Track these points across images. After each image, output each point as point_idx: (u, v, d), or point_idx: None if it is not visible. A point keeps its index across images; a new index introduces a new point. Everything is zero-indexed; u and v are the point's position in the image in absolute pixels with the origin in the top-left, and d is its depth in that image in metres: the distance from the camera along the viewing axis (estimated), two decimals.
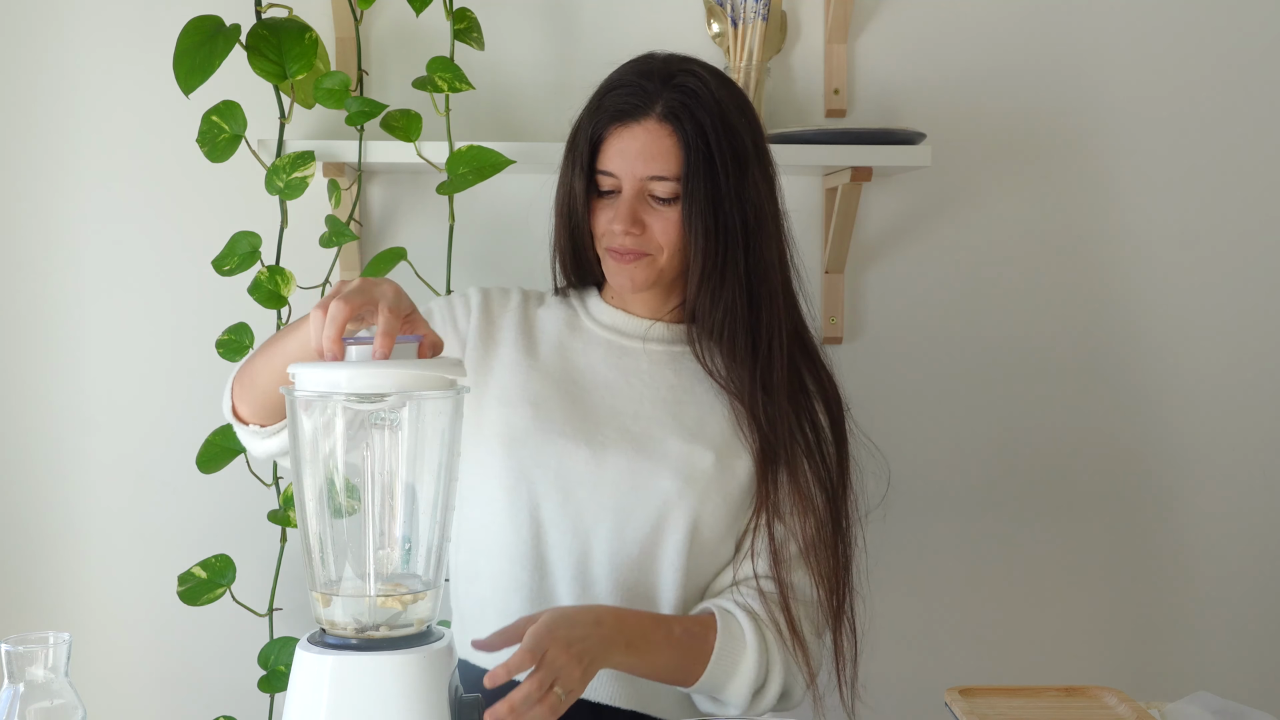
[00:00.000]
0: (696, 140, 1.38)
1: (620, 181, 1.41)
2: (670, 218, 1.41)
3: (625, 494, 1.41)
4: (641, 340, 1.49)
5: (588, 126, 1.42)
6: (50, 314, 1.96)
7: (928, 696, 1.60)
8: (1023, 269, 2.07)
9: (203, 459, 1.82)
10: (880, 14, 2.03)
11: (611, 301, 1.53)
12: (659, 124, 1.39)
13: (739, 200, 1.40)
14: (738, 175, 1.40)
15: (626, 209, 1.40)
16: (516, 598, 1.42)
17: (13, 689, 1.04)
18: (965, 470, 2.08)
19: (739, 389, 1.43)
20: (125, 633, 1.98)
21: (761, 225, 1.43)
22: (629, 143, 1.40)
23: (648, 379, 1.47)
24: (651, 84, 1.40)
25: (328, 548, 1.16)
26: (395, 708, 1.11)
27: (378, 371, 1.11)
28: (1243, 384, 2.12)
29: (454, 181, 1.79)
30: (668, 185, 1.40)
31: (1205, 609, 2.13)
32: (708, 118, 1.39)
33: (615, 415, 1.44)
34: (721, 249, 1.40)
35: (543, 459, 1.42)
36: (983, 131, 2.05)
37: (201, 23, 1.72)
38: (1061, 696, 1.39)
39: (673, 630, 1.35)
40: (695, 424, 1.45)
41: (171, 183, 1.95)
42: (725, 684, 1.38)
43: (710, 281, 1.41)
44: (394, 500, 1.15)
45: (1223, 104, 2.09)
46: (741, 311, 1.42)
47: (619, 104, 1.40)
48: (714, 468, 1.42)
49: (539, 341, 1.50)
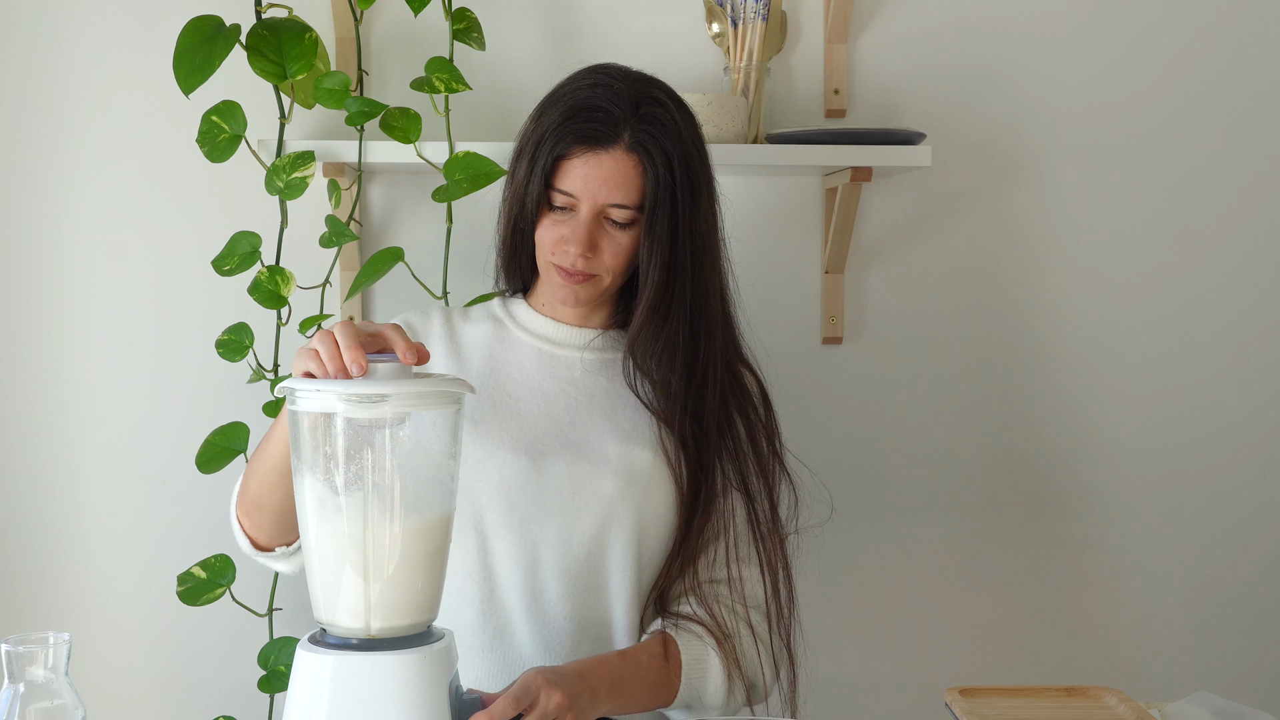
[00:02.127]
0: (663, 174, 1.39)
1: (578, 203, 1.41)
2: (623, 243, 1.43)
3: (568, 499, 1.42)
4: (575, 349, 1.50)
5: (551, 141, 1.41)
6: (50, 313, 1.96)
7: (928, 696, 1.60)
8: (1022, 269, 2.07)
9: (202, 459, 1.82)
10: (880, 14, 2.03)
11: (541, 310, 1.53)
12: (626, 154, 1.40)
13: (691, 233, 1.42)
14: (692, 206, 1.42)
15: (584, 232, 1.41)
16: (468, 612, 1.43)
17: (13, 689, 1.04)
18: (964, 469, 2.08)
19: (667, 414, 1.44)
20: (125, 633, 1.98)
21: (708, 255, 1.45)
22: (594, 169, 1.40)
23: (581, 386, 1.49)
24: (619, 110, 1.40)
25: (328, 548, 1.16)
26: (395, 708, 1.11)
27: (377, 381, 1.12)
28: (1247, 383, 2.11)
29: (450, 188, 1.79)
30: (626, 213, 1.41)
31: (1205, 609, 2.13)
32: (674, 149, 1.40)
33: (552, 424, 1.46)
34: (672, 281, 1.42)
35: (483, 472, 1.43)
36: (983, 131, 2.05)
37: (201, 23, 1.72)
38: (1061, 696, 1.39)
39: (639, 660, 1.38)
40: (631, 426, 1.46)
41: (172, 183, 1.95)
42: (702, 688, 1.40)
43: (657, 314, 1.43)
44: (394, 501, 1.15)
45: (1223, 105, 2.09)
46: (682, 342, 1.44)
47: (587, 130, 1.39)
48: (653, 465, 1.44)
49: (468, 358, 1.51)
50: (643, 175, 1.40)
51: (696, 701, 1.41)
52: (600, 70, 1.45)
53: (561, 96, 1.44)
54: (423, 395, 1.15)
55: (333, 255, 1.90)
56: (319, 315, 1.84)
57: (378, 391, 1.13)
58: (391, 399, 1.13)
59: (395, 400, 1.13)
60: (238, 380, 1.89)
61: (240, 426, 1.82)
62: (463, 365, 1.50)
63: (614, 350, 1.52)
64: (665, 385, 1.44)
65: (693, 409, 1.44)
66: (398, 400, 1.13)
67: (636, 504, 1.43)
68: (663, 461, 1.45)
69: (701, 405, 1.45)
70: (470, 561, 1.43)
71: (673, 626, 1.42)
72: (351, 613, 1.15)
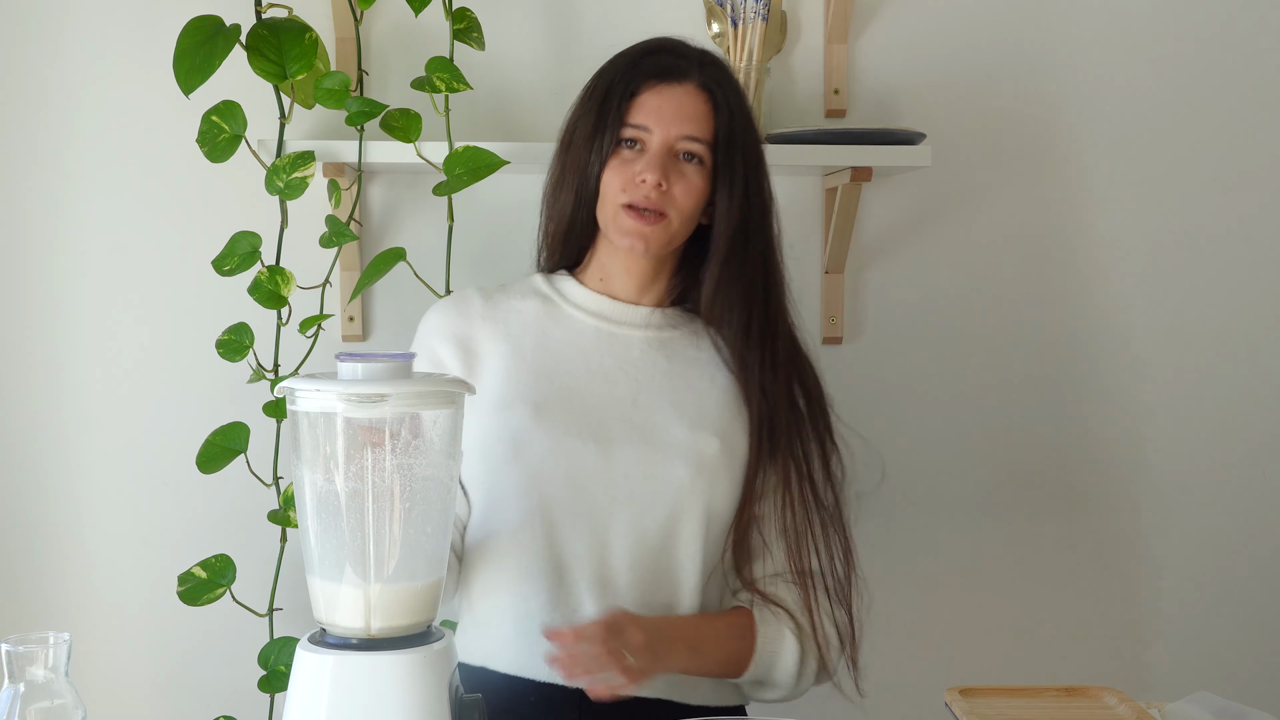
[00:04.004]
0: (734, 114, 1.44)
1: (651, 136, 1.43)
2: (694, 182, 1.44)
3: (639, 486, 1.41)
4: (633, 326, 1.49)
5: (623, 82, 1.45)
6: (51, 313, 1.96)
7: (928, 696, 1.60)
8: (1022, 269, 2.07)
9: (203, 459, 1.81)
10: (880, 14, 2.03)
11: (593, 286, 1.52)
12: (697, 90, 1.44)
13: (758, 179, 1.47)
14: (756, 155, 1.47)
15: (658, 160, 1.42)
16: (536, 602, 1.42)
17: (13, 689, 1.04)
18: (965, 469, 2.08)
19: (744, 368, 1.46)
20: (125, 633, 1.98)
21: (771, 208, 1.49)
22: (667, 100, 1.43)
23: (641, 365, 1.47)
24: (687, 55, 1.45)
25: (328, 548, 1.15)
26: (395, 708, 1.11)
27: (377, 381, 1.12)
28: (1243, 383, 2.11)
29: (450, 182, 1.79)
30: (698, 146, 1.43)
31: (1206, 609, 2.13)
32: (737, 99, 1.46)
33: (615, 405, 1.44)
34: (746, 222, 1.45)
35: (552, 461, 1.41)
36: (983, 131, 2.05)
37: (201, 23, 1.72)
38: (1061, 696, 1.39)
39: (718, 627, 1.42)
40: (695, 410, 1.45)
41: (172, 183, 1.95)
42: (772, 666, 1.43)
43: (735, 255, 1.45)
44: (393, 501, 1.15)
45: (1223, 104, 2.09)
46: (760, 288, 1.47)
47: (658, 64, 1.45)
48: (720, 453, 1.44)
49: (520, 336, 1.49)
50: (713, 112, 1.44)
51: (766, 678, 1.44)
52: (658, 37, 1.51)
53: (620, 56, 1.49)
54: (423, 395, 1.14)
55: (333, 255, 1.90)
56: (319, 315, 1.84)
57: (378, 391, 1.12)
58: (391, 399, 1.13)
59: (395, 400, 1.13)
60: (238, 380, 1.89)
61: (240, 426, 1.82)
62: (514, 345, 1.48)
63: (672, 328, 1.51)
64: (745, 330, 1.46)
65: (772, 360, 1.47)
66: (398, 400, 1.13)
67: (706, 492, 1.43)
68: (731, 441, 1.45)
69: (775, 355, 1.47)
70: (538, 550, 1.41)
71: (759, 602, 1.44)
72: (351, 613, 1.15)
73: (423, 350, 1.51)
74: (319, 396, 1.13)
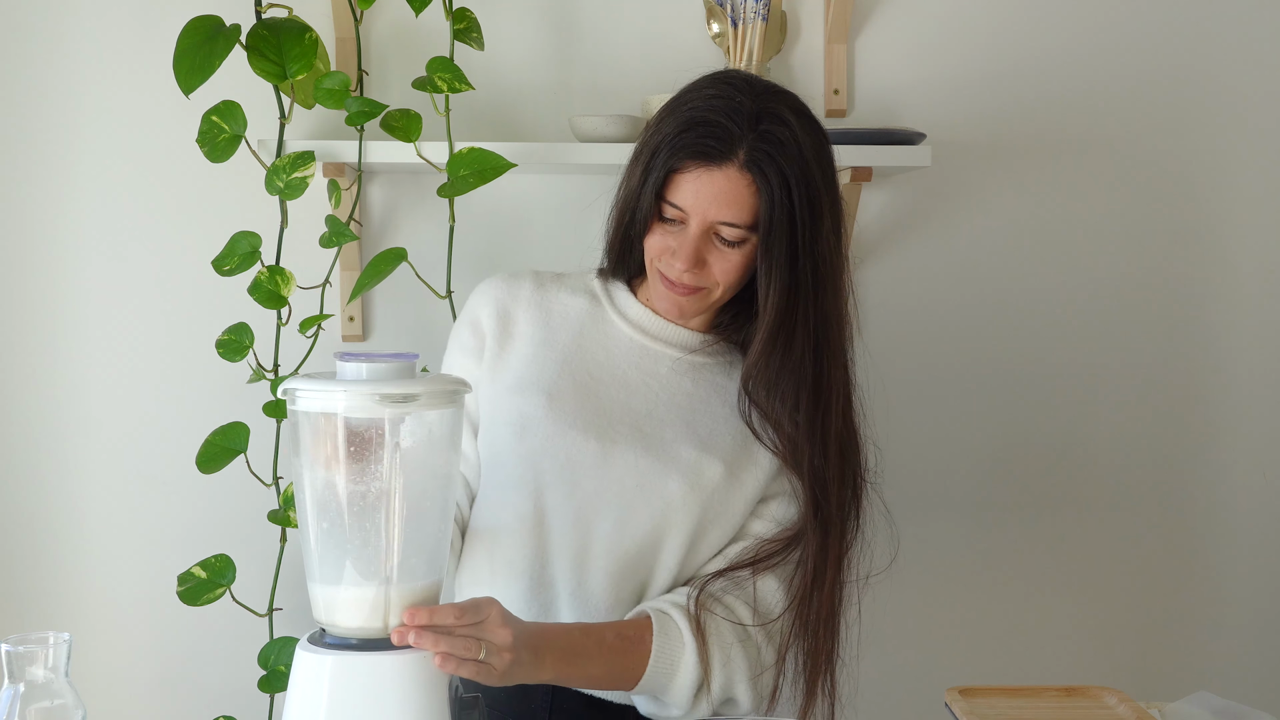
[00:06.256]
0: (780, 195, 1.33)
1: (688, 218, 1.36)
2: (734, 260, 1.38)
3: (630, 491, 1.40)
4: (669, 346, 1.47)
5: (665, 153, 1.36)
6: (51, 313, 1.96)
7: (928, 696, 1.60)
8: (1022, 269, 2.07)
9: (202, 459, 1.81)
10: (880, 14, 2.03)
11: (643, 299, 1.50)
12: (740, 173, 1.34)
13: (812, 255, 1.36)
14: (813, 228, 1.36)
15: (691, 248, 1.36)
16: (517, 585, 1.42)
17: (13, 689, 1.04)
18: (965, 470, 2.08)
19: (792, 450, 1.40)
20: (125, 633, 1.98)
21: (831, 279, 1.39)
22: (705, 185, 1.34)
23: (665, 383, 1.46)
24: (738, 127, 1.33)
25: (328, 549, 1.16)
26: (395, 708, 1.11)
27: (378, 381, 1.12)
28: (1239, 383, 2.12)
29: (455, 184, 1.79)
30: (737, 231, 1.36)
31: (1206, 609, 2.13)
32: (793, 171, 1.34)
33: (628, 413, 1.44)
34: (794, 307, 1.37)
35: (552, 448, 1.41)
36: (983, 131, 2.05)
37: (201, 23, 1.72)
38: (1061, 696, 1.39)
39: (605, 638, 1.34)
40: (707, 434, 1.44)
41: (172, 183, 1.95)
42: (667, 685, 1.36)
43: (778, 341, 1.38)
44: (393, 502, 1.15)
45: (1222, 104, 2.09)
46: (808, 371, 1.38)
47: (700, 144, 1.34)
48: (723, 479, 1.41)
49: (558, 328, 1.49)
50: (756, 195, 1.34)
51: (660, 694, 1.37)
52: (725, 80, 1.38)
53: (681, 105, 1.39)
54: (423, 395, 1.14)
55: (333, 255, 1.90)
56: (319, 315, 1.84)
57: (378, 391, 1.12)
58: (392, 399, 1.13)
59: (396, 400, 1.13)
60: (238, 380, 1.89)
61: (240, 426, 1.82)
62: (550, 335, 1.48)
63: (706, 355, 1.48)
64: (782, 422, 1.39)
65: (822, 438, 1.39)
66: (398, 400, 1.13)
67: (697, 514, 1.40)
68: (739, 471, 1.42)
69: (827, 434, 1.40)
70: (524, 539, 1.41)
71: (659, 615, 1.37)
72: (351, 613, 1.15)
73: (467, 312, 1.52)
74: (319, 397, 1.13)
